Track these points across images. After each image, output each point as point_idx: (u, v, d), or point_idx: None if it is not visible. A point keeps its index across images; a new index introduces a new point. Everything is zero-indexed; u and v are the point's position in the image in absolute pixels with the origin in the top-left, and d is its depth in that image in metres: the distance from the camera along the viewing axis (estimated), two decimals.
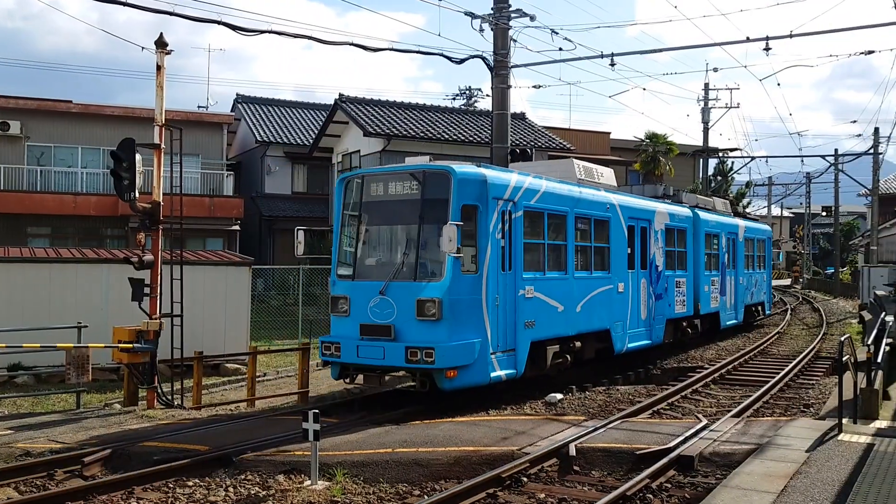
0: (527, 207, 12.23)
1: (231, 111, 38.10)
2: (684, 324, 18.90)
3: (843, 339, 9.24)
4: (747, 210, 57.60)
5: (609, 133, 41.85)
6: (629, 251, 15.73)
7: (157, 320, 12.86)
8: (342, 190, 12.26)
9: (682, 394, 13.44)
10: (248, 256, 20.26)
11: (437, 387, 10.84)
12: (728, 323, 21.89)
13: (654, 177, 38.27)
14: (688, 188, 41.30)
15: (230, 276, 18.33)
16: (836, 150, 47.73)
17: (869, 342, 10.80)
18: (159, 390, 13.05)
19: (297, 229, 12.68)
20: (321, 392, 15.21)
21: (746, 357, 18.10)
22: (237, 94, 39.45)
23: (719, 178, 48.33)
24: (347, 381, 11.72)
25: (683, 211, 19.16)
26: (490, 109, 20.52)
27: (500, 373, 11.50)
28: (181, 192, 13.38)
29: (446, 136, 29.30)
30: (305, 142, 35.13)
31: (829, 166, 46.30)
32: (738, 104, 40.21)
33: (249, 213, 33.10)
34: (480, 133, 30.54)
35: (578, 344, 13.76)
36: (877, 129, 40.76)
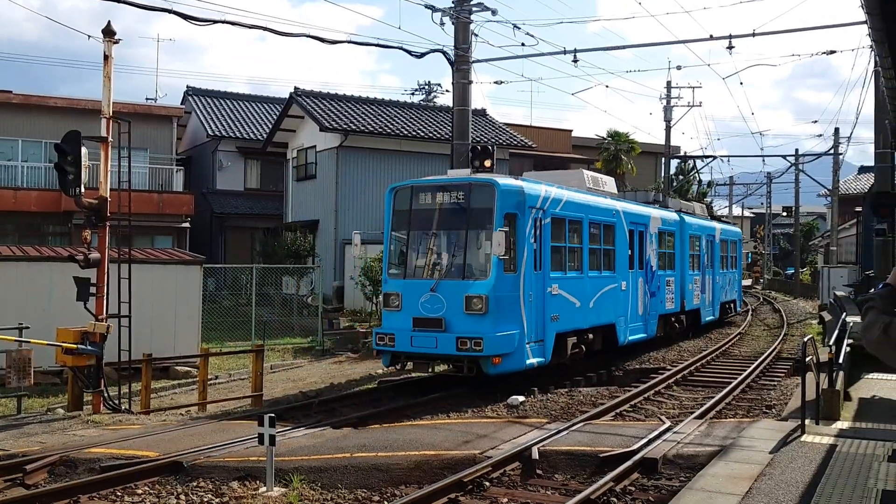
0: (553, 215, 14.54)
1: (181, 104, 37.56)
2: (672, 319, 21.33)
3: (805, 339, 9.44)
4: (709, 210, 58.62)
5: (571, 131, 42.23)
6: (630, 253, 18.02)
7: (104, 322, 12.61)
8: (392, 198, 14.50)
9: (645, 395, 13.61)
10: (199, 255, 19.99)
11: (483, 372, 12.88)
12: (707, 319, 24.18)
13: (616, 175, 38.64)
14: (649, 187, 41.84)
15: (180, 275, 18.06)
16: (796, 151, 48.88)
17: (830, 343, 11.03)
18: (106, 394, 12.80)
19: (355, 233, 15.38)
20: (276, 395, 15.09)
21: (708, 358, 18.39)
22: (188, 87, 38.91)
23: (681, 177, 49.03)
24: (398, 367, 13.62)
25: (672, 216, 21.80)
26: (450, 105, 20.51)
27: (532, 360, 13.76)
28: (129, 188, 13.15)
29: (405, 132, 29.26)
30: (259, 136, 34.79)
31: (790, 166, 47.18)
32: (701, 103, 41.12)
33: (200, 209, 32.68)
34: (440, 129, 30.55)
35: (591, 336, 15.98)
36: (837, 130, 41.62)
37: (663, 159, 41.99)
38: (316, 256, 28.11)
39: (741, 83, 66.10)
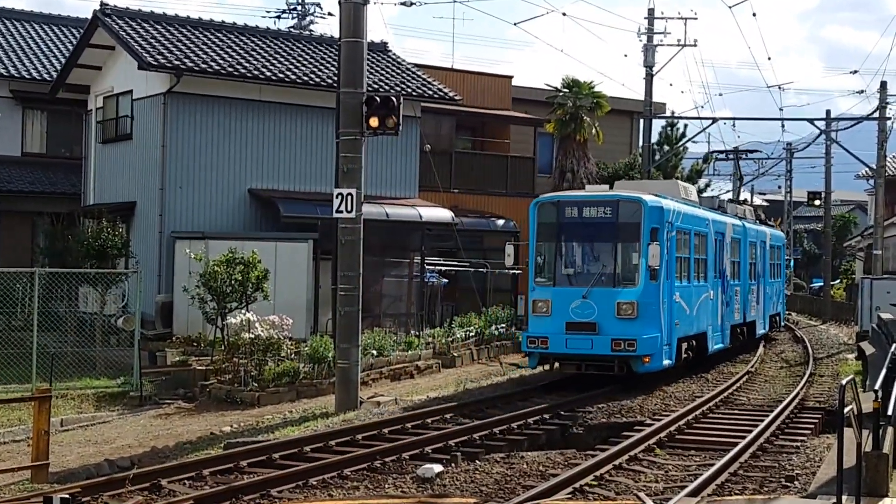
0: (677, 228, 22.01)
1: None
2: (738, 330, 28.11)
3: (843, 382, 9.70)
4: (703, 194, 60.06)
5: (511, 78, 42.47)
6: (714, 262, 25.08)
7: None
8: (536, 211, 21.60)
9: (616, 462, 13.81)
10: None
11: (633, 370, 20.26)
12: (760, 332, 31.11)
13: (575, 143, 39.14)
14: (622, 161, 42.57)
15: None
16: (827, 112, 50.00)
17: (876, 387, 11.36)
18: None
19: (508, 244, 23.07)
20: (69, 466, 14.77)
21: (704, 408, 18.80)
22: None
23: (666, 147, 50.08)
24: (547, 367, 21.50)
25: (738, 223, 28.92)
26: (335, 36, 20.46)
27: (666, 362, 21.14)
28: None
29: (268, 74, 29.03)
30: (46, 76, 33.93)
31: (819, 134, 48.48)
32: (696, 41, 41.56)
33: None
34: (320, 70, 30.39)
35: (694, 343, 23.44)
36: (883, 85, 42.69)
37: (642, 121, 42.73)
38: (131, 257, 27.59)
39: (754, 14, 67.19)
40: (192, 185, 28.11)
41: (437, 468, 13.03)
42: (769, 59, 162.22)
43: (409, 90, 31.70)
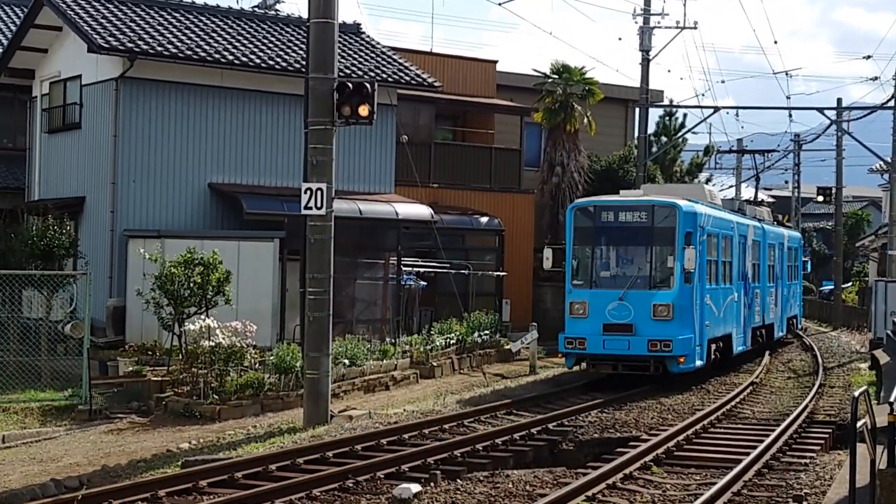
0: (707, 232, 24.67)
1: None
2: (757, 333, 30.85)
3: (856, 393, 9.73)
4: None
5: (495, 63, 42.50)
6: (738, 264, 27.90)
7: None
8: (572, 215, 24.50)
9: (609, 481, 13.83)
10: None
11: (668, 370, 22.91)
12: (778, 335, 34.11)
13: (565, 134, 39.19)
14: (616, 153, 42.66)
15: None
16: (839, 101, 50.30)
17: (891, 399, 11.41)
18: None
19: (547, 246, 26.01)
20: (11, 486, 14.69)
21: (705, 422, 18.87)
22: None
23: (664, 139, 50.19)
24: (580, 367, 24.45)
25: (758, 225, 31.80)
26: (303, 16, 20.43)
27: (698, 363, 23.74)
28: None
29: (231, 58, 28.94)
30: None
31: (829, 125, 48.75)
32: (696, 23, 41.75)
33: None
34: (287, 54, 30.32)
35: (721, 344, 26.12)
36: None
37: (637, 110, 42.82)
38: (80, 257, 27.47)
39: None
40: (146, 179, 27.97)
41: (415, 488, 13.02)
42: (776, 42, 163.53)
43: (385, 76, 31.65)
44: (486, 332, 31.12)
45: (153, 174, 28.04)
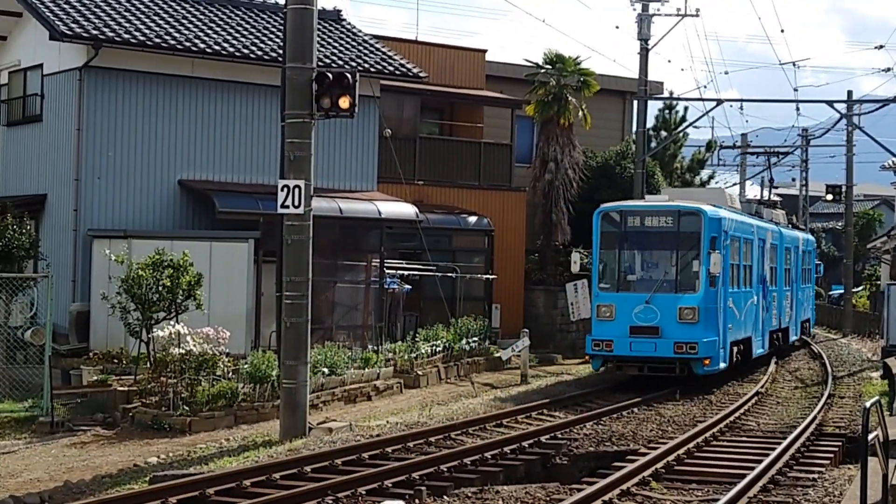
0: (731, 237, 26.95)
1: None
2: (774, 336, 32.92)
3: (867, 404, 9.79)
4: (707, 185, 60.35)
5: (485, 52, 42.52)
6: (757, 268, 30.12)
7: None
8: (599, 220, 26.32)
9: (606, 497, 13.82)
10: None
11: (694, 372, 24.80)
12: (793, 339, 36.08)
13: (559, 128, 39.22)
14: (613, 148, 42.71)
15: None
16: (849, 94, 50.48)
17: None
18: None
19: (574, 251, 28.53)
20: None
21: (707, 435, 18.93)
22: None
23: (664, 134, 50.28)
24: (603, 368, 26.74)
25: (775, 228, 34.07)
26: (280, 2, 20.44)
27: (721, 365, 25.75)
28: None
29: (202, 46, 28.91)
30: None
31: (839, 119, 48.89)
32: (698, 11, 41.79)
33: None
34: (263, 42, 30.32)
35: (742, 347, 28.17)
36: None
37: (636, 102, 42.89)
38: (41, 259, 27.44)
39: None
40: (112, 176, 27.95)
41: None
42: (782, 31, 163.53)
43: (367, 65, 31.67)
44: (475, 338, 31.15)
45: (119, 170, 28.00)
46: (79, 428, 21.26)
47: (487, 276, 34.85)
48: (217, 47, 29.21)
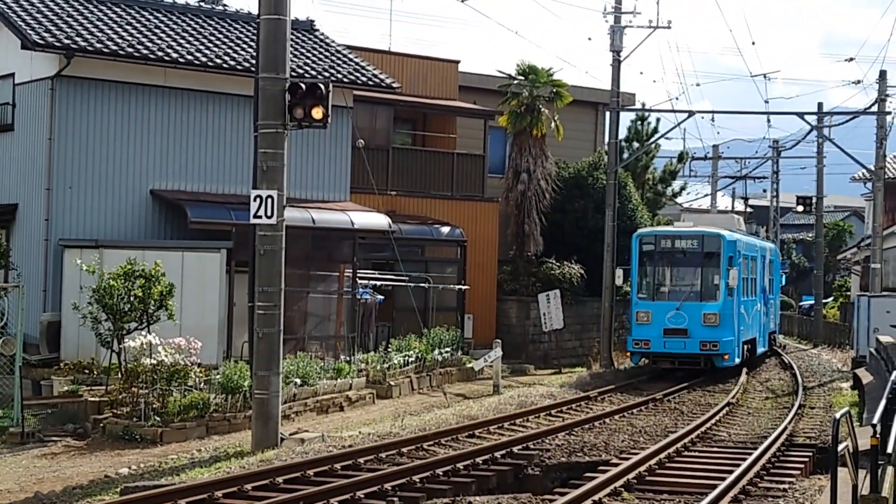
0: (742, 255, 33.01)
1: None
2: (771, 337, 40.84)
3: (837, 415, 9.82)
4: (678, 199, 60.65)
5: (457, 63, 42.58)
6: (753, 279, 35.97)
7: None
8: (638, 242, 32.09)
9: None
10: None
11: (715, 366, 30.89)
12: (760, 350, 38.89)
13: (532, 139, 39.30)
14: (586, 160, 42.82)
15: None
16: (819, 105, 50.80)
17: (874, 421, 11.51)
18: None
19: (618, 268, 35.51)
20: None
21: (678, 445, 18.98)
22: None
23: (636, 145, 50.44)
24: (645, 362, 32.70)
25: (768, 245, 42.45)
26: (253, 12, 20.40)
27: (736, 360, 31.53)
28: None
29: (175, 56, 28.83)
30: None
31: (810, 131, 49.11)
32: (670, 23, 41.83)
33: None
34: (236, 52, 30.26)
35: (750, 346, 34.35)
36: (882, 74, 43.39)
37: (608, 114, 42.99)
38: (11, 268, 27.30)
39: None
40: (84, 185, 27.82)
41: None
42: (753, 43, 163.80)
43: (340, 76, 31.64)
44: (447, 349, 31.17)
45: (91, 180, 27.88)
46: (49, 438, 21.17)
47: (460, 286, 34.87)
48: (190, 57, 29.13)
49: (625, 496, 15.15)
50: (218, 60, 29.45)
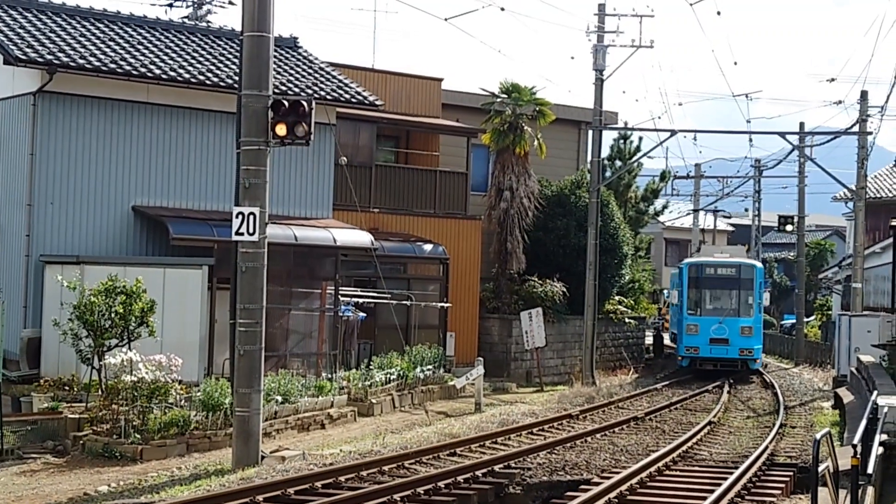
0: (761, 281, 44.12)
1: None
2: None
3: (818, 435, 9.85)
4: (660, 217, 60.85)
5: (440, 81, 42.59)
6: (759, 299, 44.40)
7: None
8: (687, 269, 42.76)
9: None
10: None
11: (749, 367, 41.62)
12: (754, 366, 44.09)
13: (514, 157, 39.36)
14: (568, 178, 42.91)
15: None
16: (801, 125, 50.93)
17: (854, 441, 11.56)
18: None
19: (669, 290, 53.29)
20: None
21: (660, 464, 18.97)
22: None
23: (619, 163, 50.57)
24: (696, 364, 41.72)
25: (755, 263, 46.93)
26: (236, 29, 20.39)
27: (759, 363, 43.15)
28: None
29: (157, 73, 28.83)
30: None
31: (791, 150, 49.32)
32: (652, 42, 42.04)
33: None
34: (219, 69, 30.26)
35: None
36: (864, 94, 43.63)
37: (591, 132, 43.10)
38: None
39: (718, 12, 67.90)
40: (65, 201, 27.75)
41: None
42: (735, 63, 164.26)
43: (323, 93, 31.66)
44: (429, 367, 31.13)
45: (73, 196, 27.81)
46: (29, 456, 21.09)
47: (442, 304, 34.86)
48: (173, 73, 29.12)
49: None
50: (201, 77, 29.44)
